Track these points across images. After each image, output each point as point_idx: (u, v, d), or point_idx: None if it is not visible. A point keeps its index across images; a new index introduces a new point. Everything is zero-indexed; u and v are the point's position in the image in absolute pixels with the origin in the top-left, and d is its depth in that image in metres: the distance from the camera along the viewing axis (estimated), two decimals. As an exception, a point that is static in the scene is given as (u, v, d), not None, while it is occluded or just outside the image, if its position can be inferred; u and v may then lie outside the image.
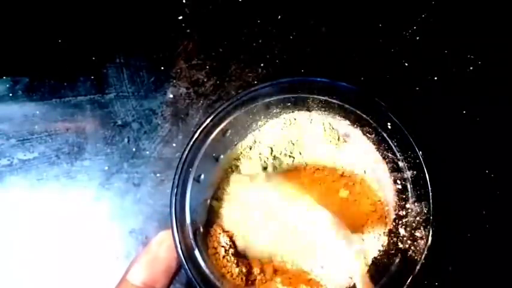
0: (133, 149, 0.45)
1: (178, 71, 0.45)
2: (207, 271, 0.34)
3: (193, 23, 0.46)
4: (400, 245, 0.35)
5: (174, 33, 0.46)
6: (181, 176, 0.33)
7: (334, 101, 0.36)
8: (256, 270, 0.36)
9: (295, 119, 0.39)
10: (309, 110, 0.38)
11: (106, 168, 0.44)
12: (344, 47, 0.45)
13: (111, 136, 0.45)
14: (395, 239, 0.36)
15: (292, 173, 0.39)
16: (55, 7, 0.46)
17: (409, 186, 0.35)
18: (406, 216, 0.36)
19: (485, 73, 0.45)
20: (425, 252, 0.33)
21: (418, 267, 0.33)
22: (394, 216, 0.37)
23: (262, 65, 0.45)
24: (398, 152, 0.35)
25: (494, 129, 0.44)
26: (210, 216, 0.38)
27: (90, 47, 0.46)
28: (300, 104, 0.38)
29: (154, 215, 0.44)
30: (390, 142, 0.35)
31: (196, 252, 0.34)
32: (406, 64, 0.45)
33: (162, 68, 0.45)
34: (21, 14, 0.46)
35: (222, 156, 0.38)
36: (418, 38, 0.45)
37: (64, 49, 0.46)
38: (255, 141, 0.39)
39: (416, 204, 0.35)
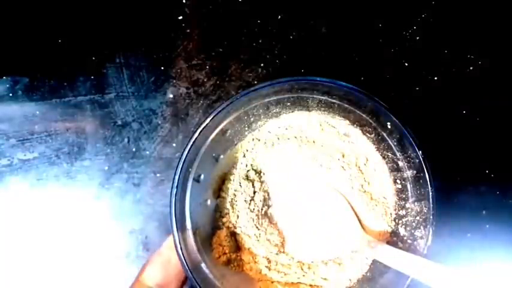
0: (133, 149, 0.45)
1: (178, 71, 0.45)
2: (207, 271, 0.34)
3: (193, 23, 0.46)
4: (400, 245, 0.35)
5: (174, 33, 0.46)
6: (181, 176, 0.33)
7: (334, 100, 0.36)
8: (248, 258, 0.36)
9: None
10: (308, 109, 0.38)
11: (106, 168, 0.44)
12: (344, 47, 0.45)
13: (111, 136, 0.45)
14: (395, 238, 0.36)
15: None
16: (55, 7, 0.46)
17: (409, 185, 0.35)
18: (406, 215, 0.36)
19: (485, 73, 0.45)
20: (425, 252, 0.33)
21: (418, 267, 0.33)
22: (394, 216, 0.37)
23: (262, 65, 0.45)
24: (398, 151, 0.35)
25: (494, 129, 0.44)
26: (213, 216, 0.38)
27: (90, 47, 0.46)
28: (299, 104, 0.38)
29: (154, 215, 0.44)
30: (390, 142, 0.35)
31: (196, 252, 0.34)
32: (406, 64, 0.45)
33: (162, 68, 0.45)
34: (21, 14, 0.46)
35: (222, 156, 0.38)
36: (418, 38, 0.45)
37: (64, 49, 0.46)
38: (254, 141, 0.39)
39: (416, 203, 0.35)
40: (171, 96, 0.45)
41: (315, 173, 0.38)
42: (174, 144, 0.44)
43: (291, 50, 0.45)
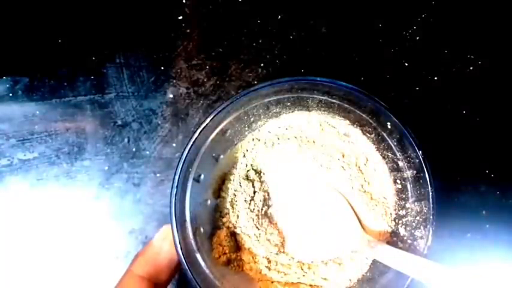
0: (133, 149, 0.45)
1: (178, 71, 0.45)
2: (207, 271, 0.34)
3: (193, 23, 0.46)
4: (400, 245, 0.35)
5: (174, 33, 0.46)
6: (181, 176, 0.33)
7: (334, 100, 0.36)
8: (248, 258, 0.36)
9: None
10: (308, 109, 0.38)
11: (106, 168, 0.44)
12: (344, 47, 0.45)
13: (111, 136, 0.45)
14: (395, 238, 0.36)
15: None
16: (55, 7, 0.46)
17: (409, 185, 0.35)
18: (406, 215, 0.36)
19: (485, 73, 0.45)
20: (425, 252, 0.33)
21: (418, 267, 0.33)
22: (394, 216, 0.37)
23: (262, 65, 0.45)
24: (398, 151, 0.35)
25: (494, 129, 0.44)
26: (213, 216, 0.38)
27: (90, 47, 0.46)
28: (299, 104, 0.38)
29: (154, 215, 0.44)
30: (390, 142, 0.35)
31: (196, 252, 0.34)
32: (406, 64, 0.45)
33: (162, 68, 0.45)
34: (21, 14, 0.46)
35: (222, 156, 0.38)
36: (418, 38, 0.45)
37: (64, 49, 0.46)
38: (254, 141, 0.39)
39: (416, 203, 0.35)
40: (171, 96, 0.45)
41: (315, 173, 0.38)
42: (174, 144, 0.44)
43: (291, 50, 0.45)
